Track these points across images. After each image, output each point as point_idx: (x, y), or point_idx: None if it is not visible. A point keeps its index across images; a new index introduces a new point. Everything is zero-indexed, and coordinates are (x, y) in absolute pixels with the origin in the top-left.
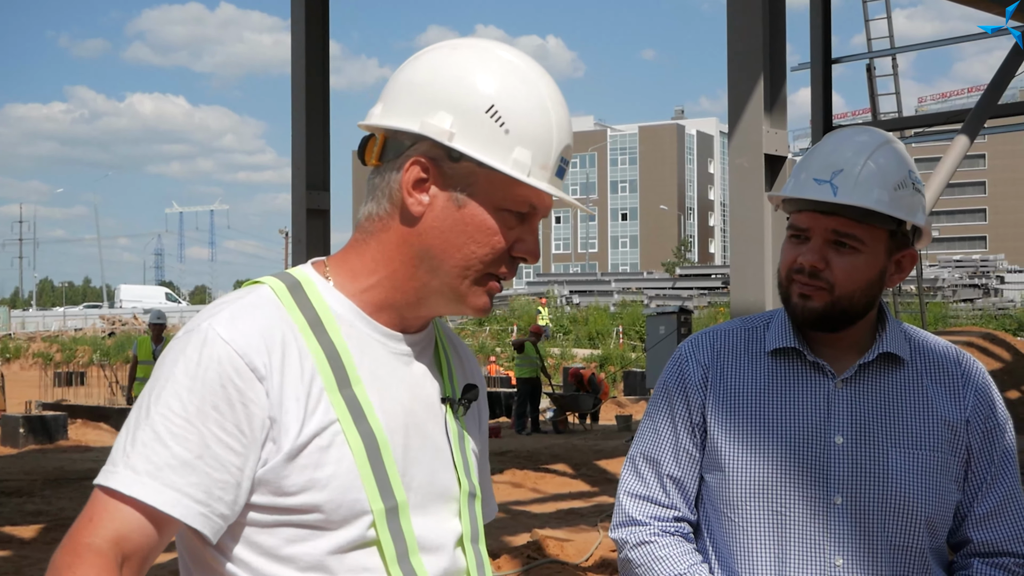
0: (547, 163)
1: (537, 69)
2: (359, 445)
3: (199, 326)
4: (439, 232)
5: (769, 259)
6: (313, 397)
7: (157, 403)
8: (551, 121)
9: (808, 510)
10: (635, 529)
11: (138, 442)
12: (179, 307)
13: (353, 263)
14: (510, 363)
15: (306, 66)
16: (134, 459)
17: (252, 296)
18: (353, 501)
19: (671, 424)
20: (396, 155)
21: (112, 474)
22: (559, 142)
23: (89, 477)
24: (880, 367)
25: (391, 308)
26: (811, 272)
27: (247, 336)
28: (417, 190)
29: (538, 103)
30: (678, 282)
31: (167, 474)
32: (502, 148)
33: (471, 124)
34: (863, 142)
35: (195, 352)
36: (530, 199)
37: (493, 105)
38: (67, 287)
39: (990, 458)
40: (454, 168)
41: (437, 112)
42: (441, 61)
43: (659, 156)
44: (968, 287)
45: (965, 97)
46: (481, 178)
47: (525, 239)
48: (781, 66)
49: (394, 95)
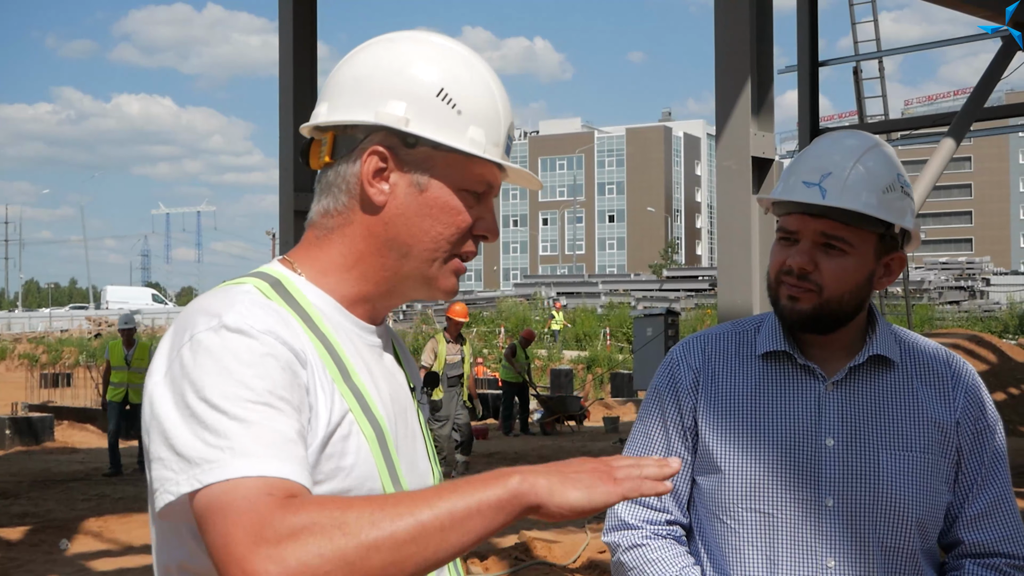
0: (498, 141)
1: (474, 54)
2: (371, 434)
3: (223, 324)
4: (404, 218)
5: (756, 261)
6: (329, 386)
7: (225, 397)
8: (495, 98)
9: (799, 512)
10: (627, 532)
11: (231, 433)
12: (166, 308)
13: (320, 259)
14: (497, 364)
15: (294, 67)
16: (239, 446)
17: (252, 294)
18: (370, 490)
19: (663, 428)
20: (349, 149)
21: (217, 467)
22: (506, 118)
23: (75, 478)
24: (870, 369)
25: (365, 301)
26: (800, 274)
27: (277, 324)
28: (377, 179)
29: (483, 84)
30: (665, 284)
31: (279, 450)
32: (457, 129)
33: (425, 109)
34: (852, 146)
35: (240, 344)
36: (486, 177)
37: (443, 88)
38: (53, 288)
39: (980, 459)
40: (411, 154)
41: (389, 101)
42: (382, 54)
43: (646, 158)
44: (954, 289)
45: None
46: (439, 161)
47: (484, 217)
48: (768, 69)
49: (339, 92)
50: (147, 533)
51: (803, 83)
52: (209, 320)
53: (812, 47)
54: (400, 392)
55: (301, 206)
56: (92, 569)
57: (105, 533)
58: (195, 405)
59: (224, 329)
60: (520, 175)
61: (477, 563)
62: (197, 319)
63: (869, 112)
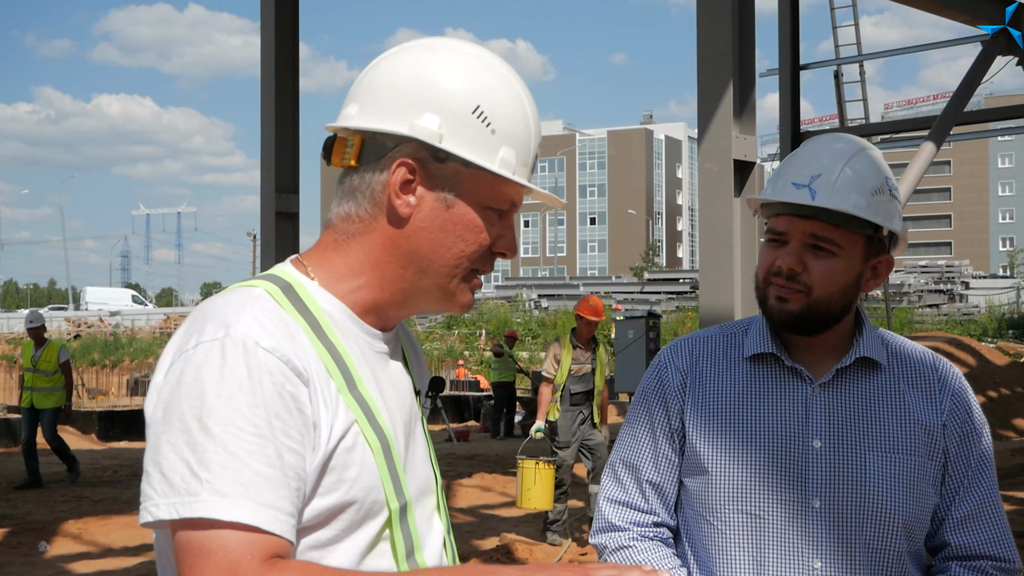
0: (527, 161)
1: (510, 68)
2: (377, 445)
3: (228, 335)
4: (428, 232)
5: (738, 264)
6: (333, 399)
7: (220, 422)
8: (529, 119)
9: (786, 514)
10: (615, 535)
11: (214, 464)
12: (145, 309)
13: (336, 264)
14: (479, 367)
15: (275, 68)
16: (218, 483)
17: (261, 300)
18: (373, 502)
19: (650, 430)
20: (378, 157)
21: (197, 503)
22: (536, 139)
23: (55, 480)
24: (857, 372)
25: (377, 309)
26: (789, 275)
27: (281, 342)
28: (404, 192)
29: (517, 102)
30: (646, 286)
31: (257, 491)
32: (489, 148)
33: (459, 125)
34: (841, 149)
35: (240, 363)
36: (511, 196)
37: (479, 106)
38: (32, 289)
39: (967, 462)
40: (441, 169)
41: (424, 114)
42: (421, 62)
43: (628, 161)
44: (933, 293)
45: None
46: (467, 178)
47: (504, 235)
48: (750, 72)
49: (372, 96)
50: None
51: (784, 86)
52: (216, 329)
53: (793, 50)
54: (406, 398)
55: (282, 207)
56: (71, 571)
57: (84, 535)
58: (189, 422)
59: (228, 341)
60: (544, 195)
61: None
62: (206, 325)
63: (850, 116)
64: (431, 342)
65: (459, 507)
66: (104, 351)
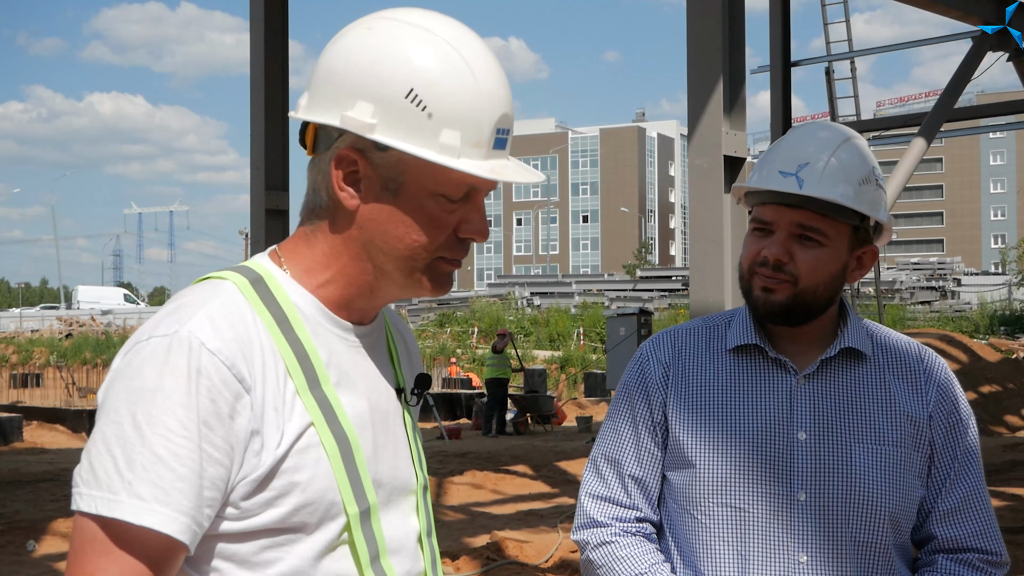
0: (480, 139)
1: (461, 36)
2: (333, 447)
3: (178, 332)
4: (377, 224)
5: (728, 259)
6: (288, 402)
7: (150, 421)
8: (479, 93)
9: (771, 507)
10: (596, 530)
11: (137, 465)
12: (137, 308)
13: (305, 256)
14: (471, 365)
15: (265, 66)
16: (138, 485)
17: (223, 296)
18: (329, 504)
19: (632, 424)
20: (327, 147)
21: (115, 503)
22: (492, 113)
23: (44, 479)
24: (842, 362)
25: (347, 302)
26: (775, 265)
27: (230, 344)
28: (348, 183)
29: (461, 77)
30: (639, 284)
31: (176, 498)
32: (427, 133)
33: (392, 112)
34: (827, 137)
35: (182, 363)
36: (465, 180)
37: (412, 89)
38: (24, 288)
39: (953, 454)
40: (383, 158)
41: (356, 103)
42: (356, 46)
43: (620, 158)
44: (925, 289)
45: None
46: (411, 166)
47: (470, 219)
48: (740, 67)
49: (316, 85)
50: None
51: (775, 83)
52: (170, 324)
53: (784, 47)
54: (383, 395)
55: (273, 205)
56: (60, 570)
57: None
58: (122, 416)
59: (175, 339)
60: (514, 173)
61: (449, 563)
62: (165, 319)
63: (841, 112)
64: (423, 339)
65: (450, 504)
66: (96, 350)
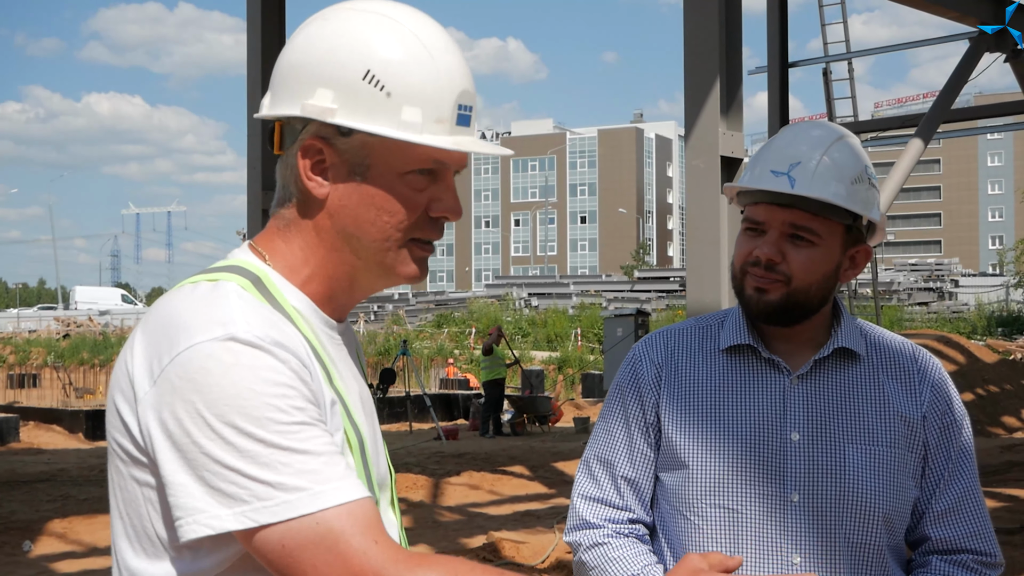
0: (442, 116)
1: (417, 19)
2: (355, 441)
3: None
4: (348, 210)
5: (725, 260)
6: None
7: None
8: (437, 70)
9: (765, 508)
10: (589, 532)
11: (281, 464)
12: (135, 309)
13: (284, 252)
14: (469, 365)
15: (262, 66)
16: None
17: (244, 297)
18: None
19: (625, 425)
20: (292, 141)
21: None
22: (452, 89)
23: (41, 480)
24: (836, 362)
25: (331, 299)
26: (768, 265)
27: (280, 334)
28: (316, 173)
29: (417, 56)
30: (636, 285)
31: (337, 470)
32: (388, 112)
33: (351, 95)
34: (819, 136)
35: (257, 361)
36: (433, 155)
37: (369, 70)
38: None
39: (947, 454)
40: (347, 143)
41: (316, 91)
42: (313, 37)
43: (618, 159)
44: (923, 291)
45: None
46: (376, 147)
47: (441, 197)
48: (737, 68)
49: (278, 81)
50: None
51: (773, 84)
52: (211, 329)
53: (782, 48)
54: (365, 392)
55: (269, 205)
56: (56, 570)
57: (69, 534)
58: (224, 431)
59: (234, 342)
60: (479, 145)
61: None
62: (194, 327)
63: (839, 113)
64: (421, 340)
65: (447, 505)
66: (93, 350)
